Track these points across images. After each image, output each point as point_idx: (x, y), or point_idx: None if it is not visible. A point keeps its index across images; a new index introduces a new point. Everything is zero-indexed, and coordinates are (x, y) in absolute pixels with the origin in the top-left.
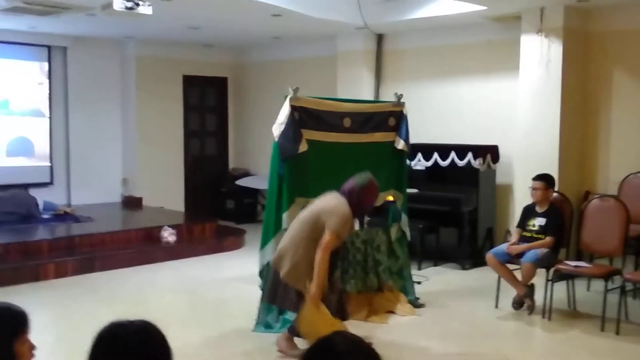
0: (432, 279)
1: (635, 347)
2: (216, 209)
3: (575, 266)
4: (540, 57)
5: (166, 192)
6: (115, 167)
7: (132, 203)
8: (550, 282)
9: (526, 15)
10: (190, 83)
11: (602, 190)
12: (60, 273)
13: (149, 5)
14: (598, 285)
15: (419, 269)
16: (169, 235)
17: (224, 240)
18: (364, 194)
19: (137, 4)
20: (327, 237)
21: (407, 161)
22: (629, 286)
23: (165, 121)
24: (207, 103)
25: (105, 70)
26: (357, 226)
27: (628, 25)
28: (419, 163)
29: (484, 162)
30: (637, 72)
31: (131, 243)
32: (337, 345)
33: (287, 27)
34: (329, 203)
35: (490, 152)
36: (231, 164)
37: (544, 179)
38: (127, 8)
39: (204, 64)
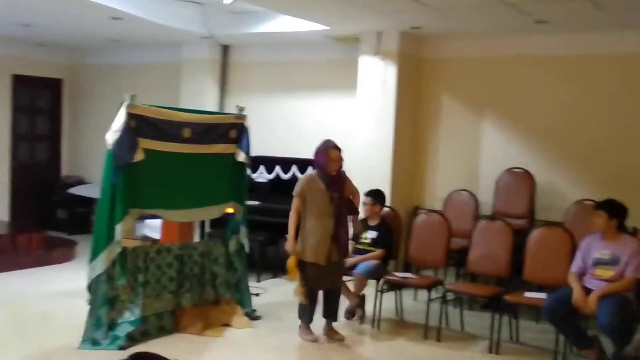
0: (270, 291)
1: (454, 353)
2: (46, 218)
3: (403, 277)
4: (377, 77)
5: None
6: None
7: None
8: (380, 293)
9: (364, 37)
10: (21, 83)
11: (430, 205)
12: None
13: None
14: (423, 295)
15: (258, 280)
16: None
17: (52, 252)
18: (316, 154)
19: None
20: None
21: (248, 173)
22: (450, 296)
23: None
24: (39, 105)
25: None
26: (196, 238)
27: (455, 53)
28: (261, 175)
29: None
30: (462, 97)
31: None
32: None
33: (128, 30)
34: None
35: None
36: (64, 171)
37: (373, 195)
38: None
39: (36, 63)
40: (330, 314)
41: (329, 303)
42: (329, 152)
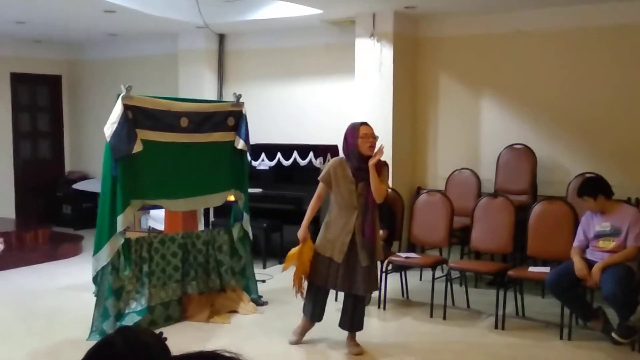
0: (276, 277)
1: (460, 330)
2: (52, 214)
3: (407, 257)
4: (374, 60)
5: None
6: None
7: None
8: (384, 274)
9: (360, 20)
10: (19, 81)
11: (432, 186)
12: None
13: None
14: (428, 274)
15: (264, 267)
16: None
17: (59, 247)
18: (344, 139)
19: None
20: None
21: (249, 161)
22: (455, 274)
23: None
24: (39, 102)
25: None
26: (201, 227)
27: (451, 32)
28: (263, 163)
29: (324, 161)
30: (460, 76)
31: None
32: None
33: (123, 24)
34: None
35: (330, 152)
36: (67, 167)
37: None
38: None
39: (34, 61)
40: (346, 322)
41: (345, 310)
42: (358, 129)
